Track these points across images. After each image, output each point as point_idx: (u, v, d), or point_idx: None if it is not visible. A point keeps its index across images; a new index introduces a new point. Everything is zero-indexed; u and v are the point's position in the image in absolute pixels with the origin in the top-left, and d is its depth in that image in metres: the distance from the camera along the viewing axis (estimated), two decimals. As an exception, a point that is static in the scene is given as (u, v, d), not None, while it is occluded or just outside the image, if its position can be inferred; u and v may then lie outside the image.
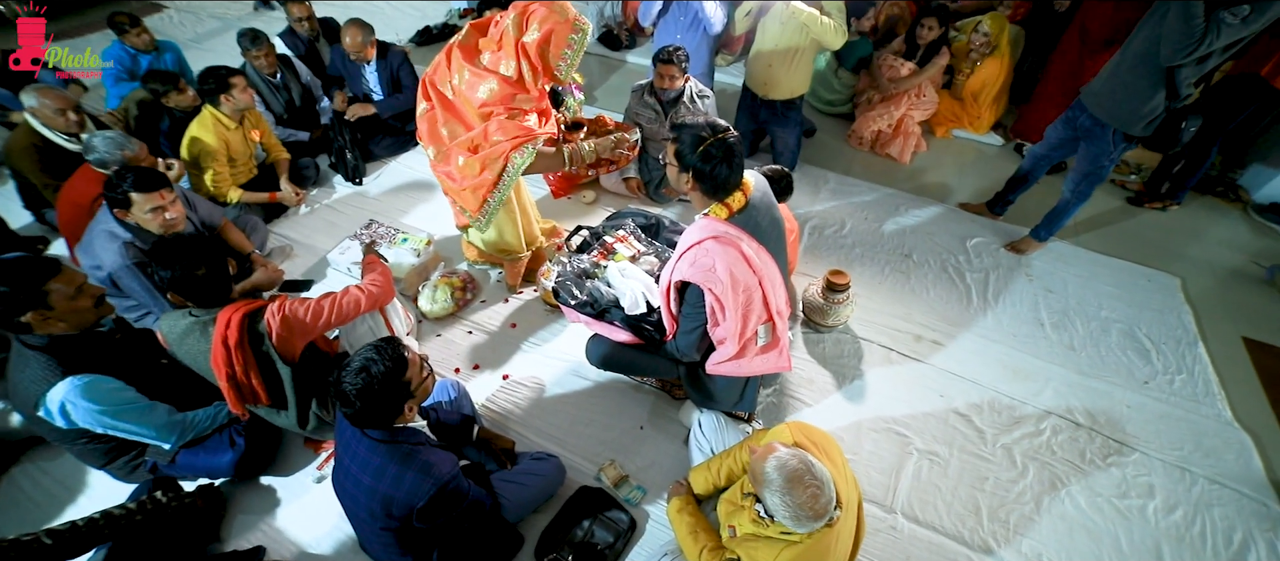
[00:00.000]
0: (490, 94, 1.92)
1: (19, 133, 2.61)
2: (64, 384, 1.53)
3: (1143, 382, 2.38)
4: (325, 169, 3.52)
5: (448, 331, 2.53)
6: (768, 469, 1.25)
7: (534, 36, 1.86)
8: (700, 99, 2.92)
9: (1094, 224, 3.16)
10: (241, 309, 1.68)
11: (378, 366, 1.32)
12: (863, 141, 3.56)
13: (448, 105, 2.01)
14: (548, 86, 2.10)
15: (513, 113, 1.96)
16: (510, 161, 1.99)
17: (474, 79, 1.93)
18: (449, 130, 2.02)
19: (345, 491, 1.47)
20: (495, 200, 2.09)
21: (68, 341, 1.59)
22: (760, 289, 1.65)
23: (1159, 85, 2.21)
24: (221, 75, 2.80)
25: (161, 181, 2.04)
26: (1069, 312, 2.65)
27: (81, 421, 1.60)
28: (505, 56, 1.92)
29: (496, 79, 1.91)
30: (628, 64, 4.77)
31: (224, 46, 5.16)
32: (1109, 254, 2.97)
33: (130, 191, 1.99)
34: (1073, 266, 2.88)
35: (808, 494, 1.20)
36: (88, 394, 1.57)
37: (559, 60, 1.92)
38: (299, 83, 3.60)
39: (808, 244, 2.93)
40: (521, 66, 1.91)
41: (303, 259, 2.96)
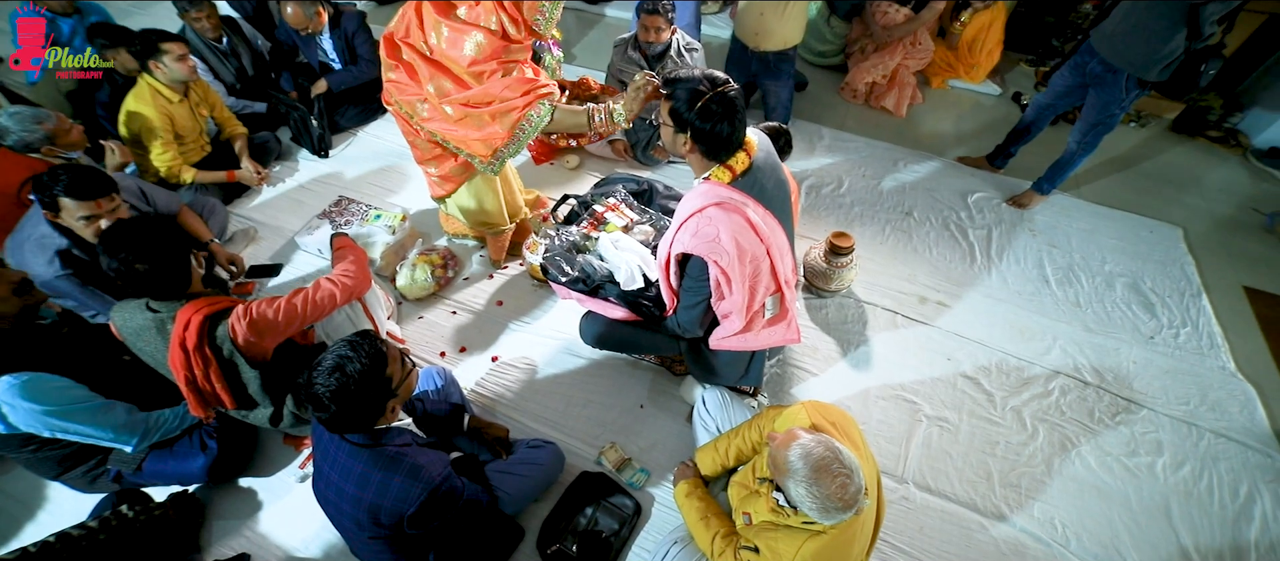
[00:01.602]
0: (478, 49, 1.72)
1: None
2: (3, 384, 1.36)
3: (1148, 337, 2.34)
4: (288, 143, 3.27)
5: (429, 312, 2.39)
6: (791, 458, 1.15)
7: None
8: (688, 53, 2.74)
9: (1094, 175, 3.08)
10: (202, 309, 1.50)
11: (353, 365, 1.18)
12: (857, 94, 3.41)
13: (432, 63, 1.81)
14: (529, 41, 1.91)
15: (508, 67, 1.78)
16: (525, 118, 1.81)
17: (455, 34, 1.73)
18: (436, 86, 1.83)
19: (328, 501, 1.34)
20: (508, 151, 1.92)
21: (5, 336, 1.41)
22: (768, 258, 1.52)
23: (1180, 24, 2.07)
24: (150, 38, 2.51)
25: (101, 187, 1.77)
26: (1073, 268, 2.59)
27: (22, 425, 1.44)
28: (485, 10, 1.72)
29: (483, 32, 1.72)
30: (607, 18, 4.50)
31: (162, 9, 4.74)
32: (1110, 205, 2.91)
33: (61, 196, 1.73)
34: (1075, 220, 2.81)
35: (836, 484, 1.10)
36: (27, 393, 1.41)
37: (537, 14, 1.73)
38: (250, 48, 3.31)
39: (806, 203, 2.81)
40: (502, 20, 1.72)
41: (269, 241, 2.76)
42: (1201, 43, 2.09)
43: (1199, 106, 3.35)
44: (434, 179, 2.16)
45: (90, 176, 1.77)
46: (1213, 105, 3.32)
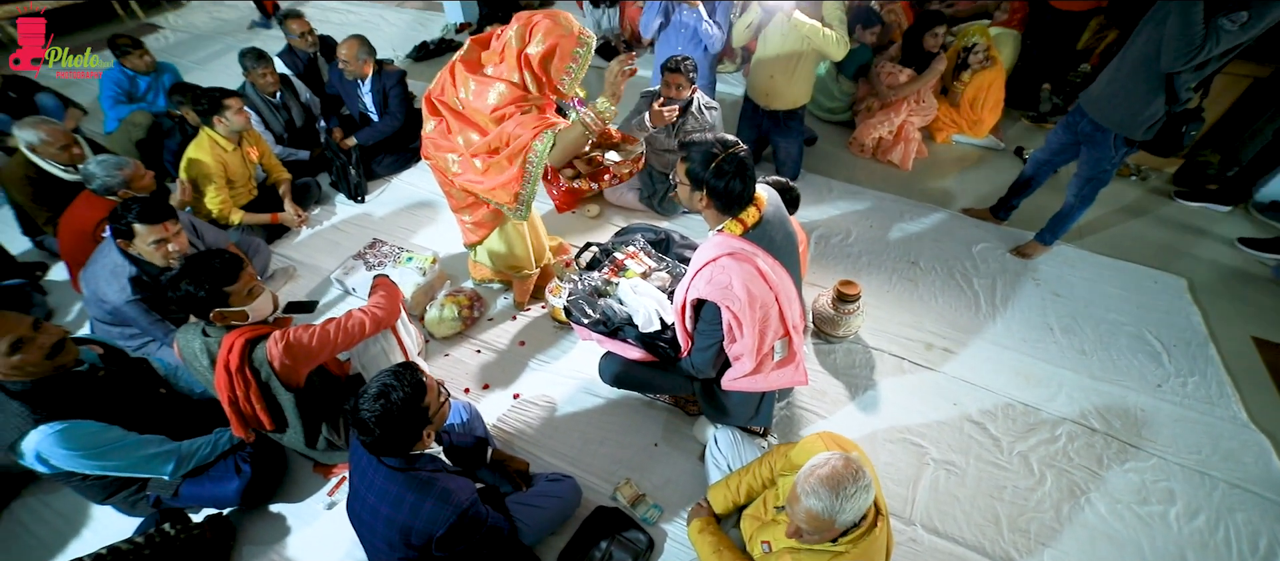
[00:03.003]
0: (500, 97, 1.90)
1: (13, 163, 2.57)
2: (37, 433, 1.48)
3: (1155, 386, 2.37)
4: (327, 188, 3.51)
5: (455, 350, 2.51)
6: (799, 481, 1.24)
7: (538, 49, 1.84)
8: (707, 110, 2.91)
9: (1097, 226, 3.16)
10: (244, 334, 1.66)
11: (397, 393, 1.30)
12: (864, 149, 3.57)
13: (460, 116, 1.99)
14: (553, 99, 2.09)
15: (525, 108, 1.94)
16: (531, 150, 1.95)
17: (481, 87, 1.91)
18: (464, 139, 2.01)
19: (361, 521, 1.44)
20: (527, 192, 2.05)
21: (46, 385, 1.53)
22: (777, 304, 1.63)
23: (1158, 90, 2.21)
24: (215, 96, 2.78)
25: (166, 213, 2.01)
26: (1078, 316, 2.64)
27: (62, 466, 1.56)
28: (508, 67, 1.91)
29: (505, 83, 1.90)
30: (626, 76, 4.78)
31: (221, 66, 5.16)
32: (1113, 256, 2.97)
33: (134, 222, 1.96)
34: (1079, 270, 2.88)
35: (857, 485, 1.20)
36: (64, 441, 1.51)
37: (563, 75, 1.90)
38: (298, 102, 3.60)
39: (814, 253, 2.93)
40: (525, 76, 1.90)
41: (306, 280, 2.94)
42: (1180, 106, 2.23)
43: (1198, 161, 3.45)
44: (468, 226, 2.32)
45: (157, 204, 2.00)
46: (1211, 160, 3.43)
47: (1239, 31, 1.97)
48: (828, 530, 1.24)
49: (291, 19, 3.79)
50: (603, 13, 4.91)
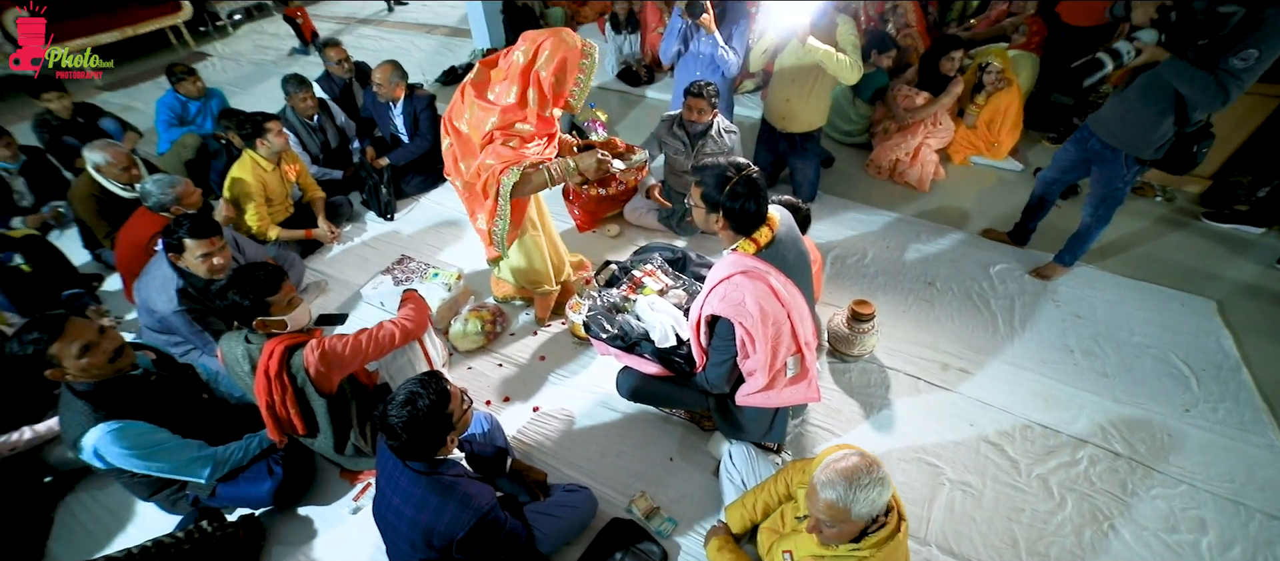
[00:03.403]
0: (493, 125, 2.01)
1: (80, 182, 2.79)
2: (97, 429, 1.60)
3: (1183, 410, 2.32)
4: (358, 206, 3.67)
5: (478, 363, 2.59)
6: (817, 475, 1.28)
7: (547, 65, 1.94)
8: (727, 134, 2.98)
9: (1120, 247, 3.12)
10: (284, 341, 1.76)
11: (423, 400, 1.38)
12: (881, 171, 3.60)
13: (464, 141, 2.10)
14: (559, 113, 2.17)
15: (509, 138, 2.02)
16: (500, 184, 2.04)
17: (482, 114, 2.02)
18: (466, 165, 2.12)
19: (386, 522, 1.51)
20: (500, 227, 2.14)
21: (107, 387, 1.66)
22: (789, 321, 1.68)
23: (1167, 111, 2.20)
24: (257, 121, 2.97)
25: (213, 229, 2.15)
26: (1099, 338, 2.61)
27: (116, 463, 1.67)
28: (509, 85, 2.00)
29: (499, 111, 1.99)
30: (647, 99, 4.91)
31: (263, 90, 5.44)
32: (1137, 278, 2.93)
33: (185, 237, 2.11)
34: (1101, 291, 2.85)
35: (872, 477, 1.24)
36: (119, 439, 1.63)
37: (573, 86, 2.01)
38: (334, 124, 3.79)
39: (830, 273, 2.95)
40: (527, 92, 1.99)
41: (337, 293, 3.07)
42: (1191, 127, 2.21)
43: (1228, 182, 3.40)
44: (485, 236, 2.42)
45: (205, 220, 2.15)
46: (1241, 181, 3.37)
47: (1255, 65, 1.95)
48: (846, 523, 1.27)
49: (330, 47, 4.01)
50: (624, 39, 5.06)
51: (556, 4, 6.43)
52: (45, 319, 1.57)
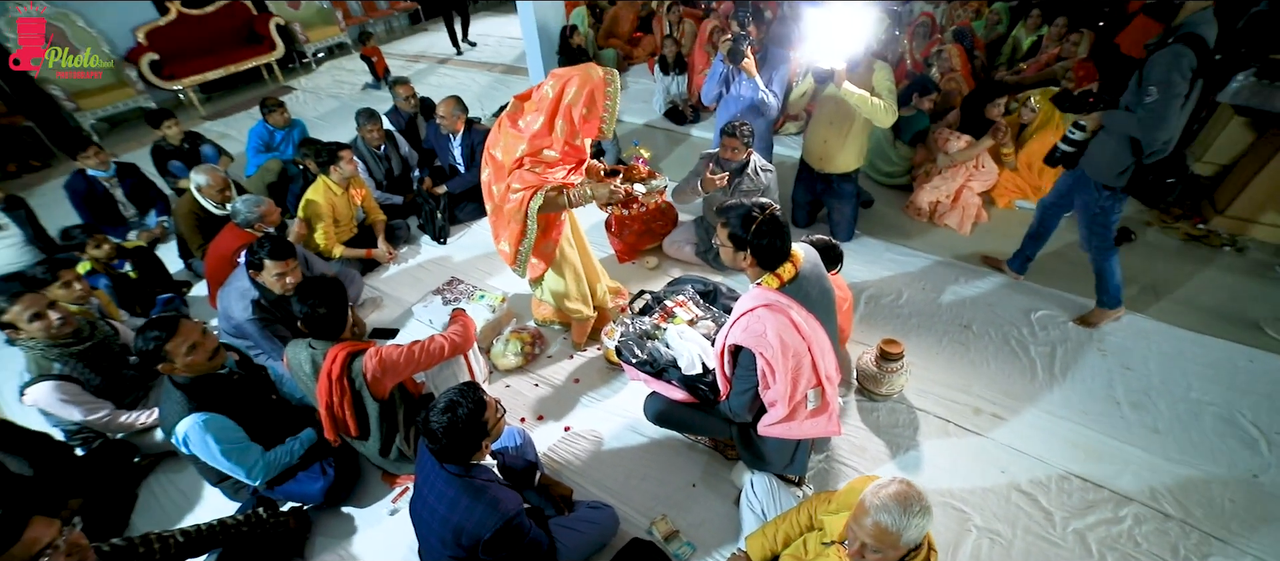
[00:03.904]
0: (522, 151, 2.18)
1: (184, 201, 3.18)
2: (190, 418, 1.83)
3: (1251, 475, 2.16)
4: (415, 230, 3.94)
5: (516, 382, 2.73)
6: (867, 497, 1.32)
7: (578, 101, 2.10)
8: (763, 172, 3.08)
9: (1180, 298, 2.97)
10: (346, 348, 1.95)
11: (462, 408, 1.51)
12: (921, 212, 3.59)
13: (497, 166, 2.28)
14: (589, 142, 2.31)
15: (536, 164, 2.19)
16: (528, 207, 2.22)
17: (513, 140, 2.21)
18: (497, 188, 2.30)
19: (421, 519, 1.63)
20: (525, 248, 2.32)
21: (201, 382, 1.89)
22: (809, 354, 1.73)
23: (1124, 143, 2.35)
24: (331, 149, 3.28)
25: (289, 252, 2.41)
26: (1150, 392, 2.50)
27: (195, 451, 1.89)
28: (537, 114, 2.17)
29: (527, 138, 2.17)
30: (692, 138, 5.09)
31: (339, 119, 5.95)
32: (1198, 330, 2.77)
33: (265, 257, 2.37)
34: (1154, 343, 2.73)
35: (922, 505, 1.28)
36: (206, 428, 1.85)
37: (603, 112, 2.16)
38: (398, 154, 4.11)
39: (863, 313, 2.96)
40: (556, 122, 2.15)
41: (391, 309, 3.30)
42: (1149, 158, 2.32)
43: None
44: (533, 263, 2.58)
45: (283, 244, 2.41)
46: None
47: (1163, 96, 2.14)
48: (892, 549, 1.29)
49: (399, 84, 4.39)
50: (671, 80, 5.28)
51: (609, 45, 6.76)
52: (163, 319, 1.83)
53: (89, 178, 3.77)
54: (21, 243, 3.32)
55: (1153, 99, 2.17)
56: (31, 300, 2.11)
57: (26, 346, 2.17)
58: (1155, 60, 2.17)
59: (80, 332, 2.27)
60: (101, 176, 3.80)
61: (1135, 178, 2.38)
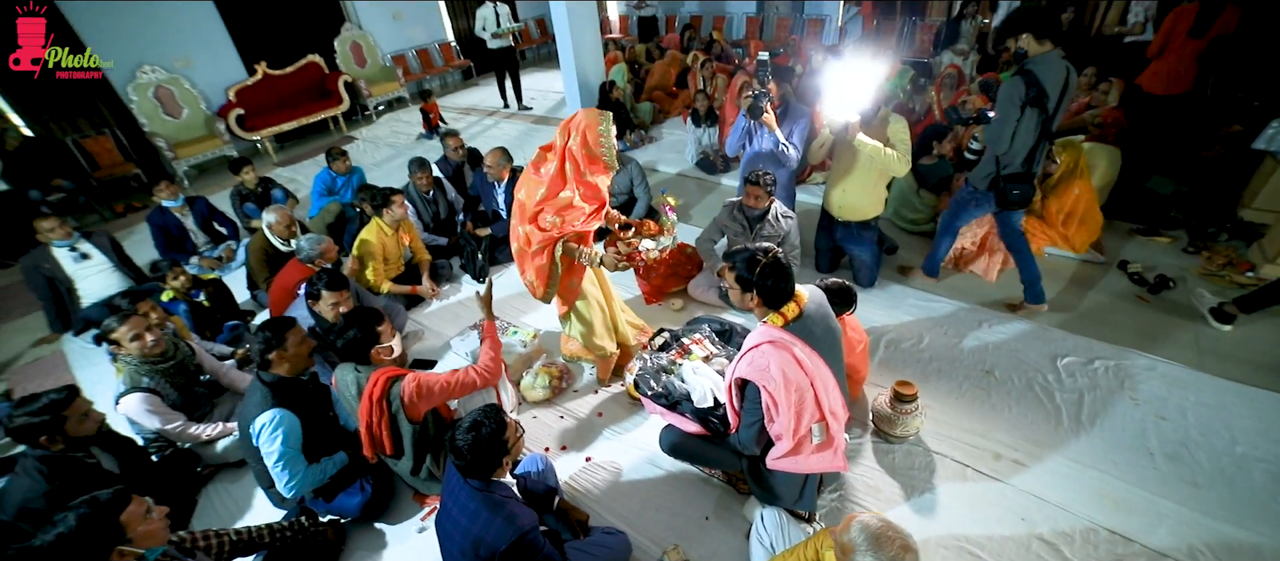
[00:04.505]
0: (542, 195, 2.38)
1: (256, 238, 3.57)
2: (271, 411, 2.07)
3: (1312, 542, 2.05)
4: (457, 269, 4.22)
5: (542, 414, 2.87)
6: (852, 533, 1.37)
7: (576, 140, 2.32)
8: (783, 218, 3.21)
9: (1228, 349, 2.86)
10: (387, 373, 2.14)
11: (486, 427, 1.66)
12: (946, 259, 3.60)
13: (521, 207, 2.49)
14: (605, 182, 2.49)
15: (558, 211, 2.38)
16: (552, 252, 2.44)
17: (534, 185, 2.42)
18: (522, 230, 2.50)
19: (445, 531, 1.76)
20: (552, 286, 2.53)
21: (286, 383, 2.17)
22: (812, 389, 1.82)
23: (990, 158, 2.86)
24: (385, 194, 3.60)
25: (343, 284, 2.70)
26: (1189, 444, 2.41)
27: (264, 443, 2.10)
28: (553, 160, 2.39)
29: (546, 182, 2.38)
30: (722, 185, 5.27)
31: (393, 167, 6.44)
32: (1245, 382, 2.66)
33: (323, 289, 2.65)
34: (1194, 393, 2.63)
35: (896, 547, 1.31)
36: (280, 423, 2.09)
37: (596, 146, 2.33)
38: (445, 199, 4.45)
39: (883, 356, 2.98)
40: (565, 165, 2.36)
41: (431, 342, 3.53)
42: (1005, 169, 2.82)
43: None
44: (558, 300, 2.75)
45: (339, 277, 2.69)
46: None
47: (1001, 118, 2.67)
48: None
49: (449, 135, 4.78)
50: (702, 131, 5.53)
51: (645, 99, 7.13)
52: (275, 322, 2.16)
53: (165, 210, 4.30)
54: (110, 269, 3.76)
55: (995, 118, 2.73)
56: (135, 322, 2.46)
57: (124, 361, 2.49)
58: (1000, 88, 2.69)
59: (166, 353, 2.57)
60: (173, 206, 4.31)
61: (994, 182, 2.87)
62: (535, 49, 11.23)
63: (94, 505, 1.50)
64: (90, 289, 3.66)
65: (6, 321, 4.32)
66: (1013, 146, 2.72)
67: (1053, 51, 2.56)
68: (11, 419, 1.99)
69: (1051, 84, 2.55)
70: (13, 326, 4.24)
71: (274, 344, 2.15)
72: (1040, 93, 2.55)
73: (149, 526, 1.58)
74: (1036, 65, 2.55)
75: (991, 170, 2.85)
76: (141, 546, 1.54)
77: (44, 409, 2.01)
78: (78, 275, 3.62)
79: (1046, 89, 2.55)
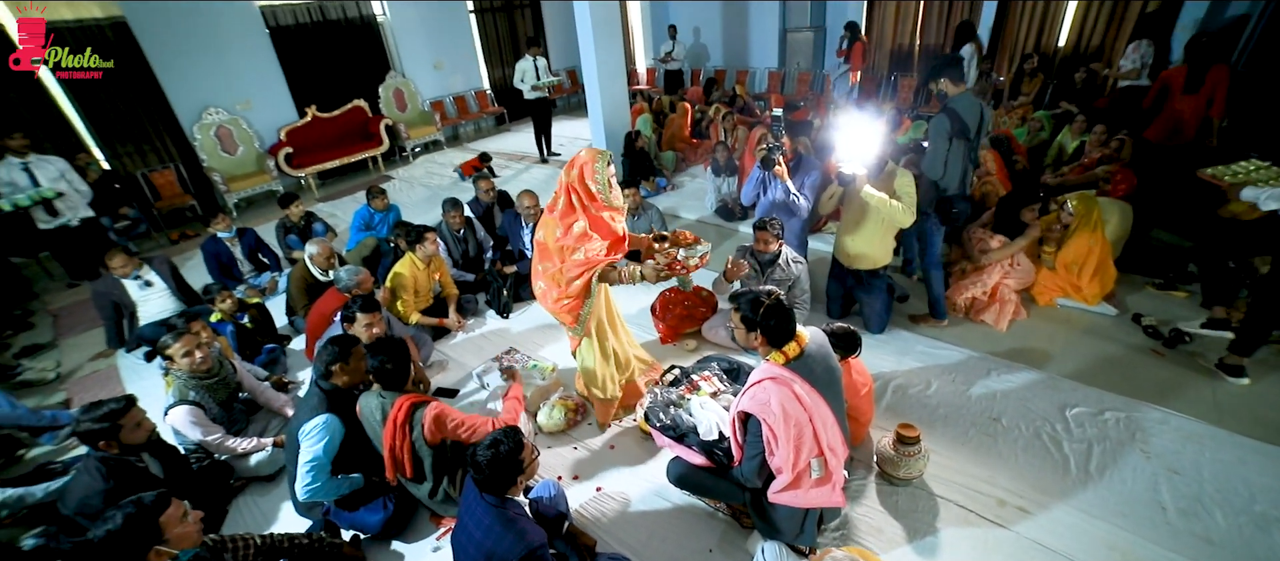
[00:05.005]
0: (559, 233, 2.56)
1: (298, 268, 3.84)
2: (324, 416, 2.27)
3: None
4: (482, 304, 4.42)
5: (558, 445, 2.98)
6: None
7: (575, 177, 2.51)
8: (793, 263, 3.35)
9: (1243, 405, 2.82)
10: (411, 399, 2.30)
11: (505, 445, 1.80)
12: (957, 308, 3.66)
13: (541, 247, 2.67)
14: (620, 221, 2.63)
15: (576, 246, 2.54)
16: (590, 280, 2.57)
17: (551, 223, 2.60)
18: (543, 266, 2.66)
19: (459, 545, 1.88)
20: (585, 311, 2.65)
21: (340, 393, 2.37)
22: (811, 425, 1.91)
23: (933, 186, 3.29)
24: (419, 231, 3.85)
25: (376, 307, 2.91)
26: (1203, 500, 2.38)
27: (311, 440, 2.26)
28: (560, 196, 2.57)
29: (558, 218, 2.55)
30: (739, 232, 5.44)
31: (428, 206, 6.78)
32: (1267, 441, 2.62)
33: (358, 312, 2.85)
34: (1210, 449, 2.60)
35: None
36: (329, 428, 2.27)
37: (591, 182, 2.50)
38: (475, 238, 4.70)
39: (890, 401, 3.02)
40: (572, 199, 2.54)
41: (454, 372, 3.69)
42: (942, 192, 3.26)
43: None
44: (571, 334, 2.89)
45: (372, 301, 2.90)
46: None
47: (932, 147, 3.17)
48: None
49: (481, 179, 5.08)
50: (722, 181, 5.74)
51: (668, 148, 7.42)
52: (342, 340, 2.40)
53: (219, 240, 4.65)
54: (168, 294, 4.07)
55: (929, 146, 3.23)
56: (189, 340, 2.69)
57: (175, 375, 2.71)
58: (930, 124, 3.23)
59: (212, 370, 2.79)
60: (226, 236, 4.66)
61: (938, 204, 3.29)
62: (565, 98, 11.78)
63: (139, 506, 1.66)
64: (149, 312, 3.98)
65: (70, 336, 4.67)
66: (947, 172, 3.20)
67: (966, 92, 3.14)
68: (79, 423, 2.20)
69: (970, 119, 3.12)
70: (75, 341, 4.58)
71: (340, 358, 2.38)
72: (963, 126, 3.10)
73: (184, 529, 1.73)
74: (956, 103, 3.11)
75: (934, 195, 3.28)
76: (176, 548, 1.69)
77: (105, 415, 2.22)
78: (141, 301, 3.96)
79: (967, 123, 3.10)
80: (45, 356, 4.38)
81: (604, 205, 2.57)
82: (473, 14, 9.76)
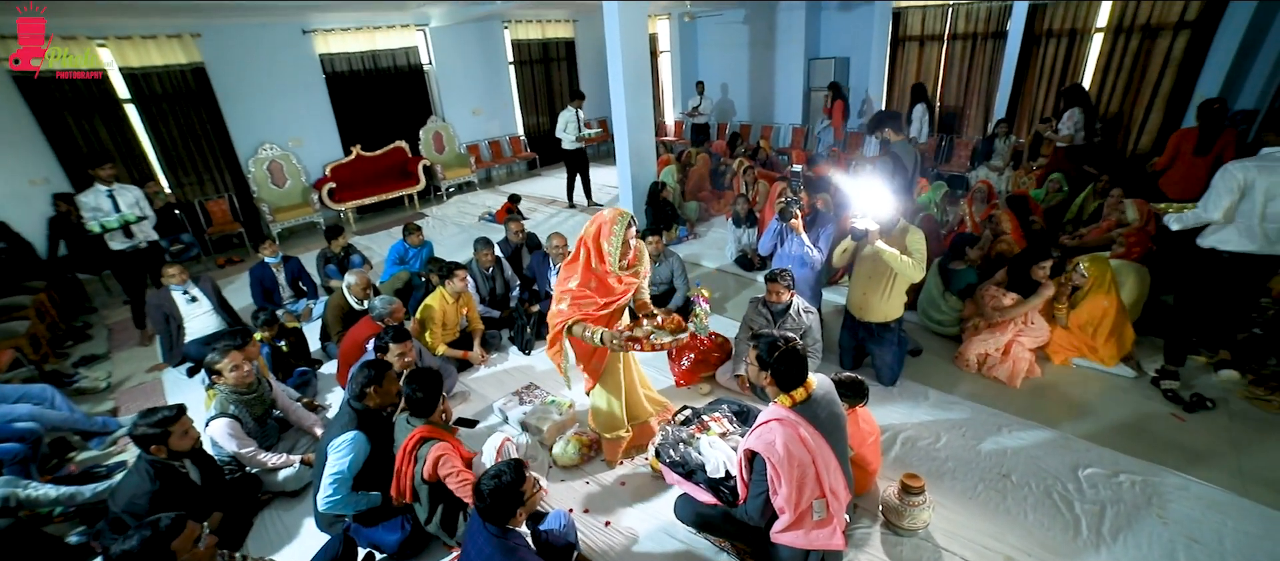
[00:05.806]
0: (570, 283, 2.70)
1: (335, 296, 4.10)
2: (354, 432, 2.41)
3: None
4: (506, 340, 4.59)
5: (571, 479, 3.06)
6: None
7: (592, 235, 2.65)
8: (804, 313, 3.46)
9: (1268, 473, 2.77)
10: (424, 431, 2.43)
11: (506, 476, 1.90)
12: (969, 364, 3.68)
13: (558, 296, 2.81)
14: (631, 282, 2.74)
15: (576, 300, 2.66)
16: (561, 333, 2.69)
17: (566, 273, 2.76)
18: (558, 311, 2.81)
19: (464, 574, 1.97)
20: (566, 364, 2.76)
21: (370, 413, 2.53)
22: (814, 467, 1.99)
23: None
24: (450, 267, 4.07)
25: (407, 337, 3.10)
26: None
27: (339, 452, 2.40)
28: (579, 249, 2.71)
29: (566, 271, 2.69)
30: (757, 282, 5.56)
31: (460, 244, 7.08)
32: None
33: (390, 341, 3.04)
34: (1233, 519, 2.53)
35: None
36: (355, 445, 2.41)
37: (603, 243, 2.61)
38: (502, 276, 4.91)
39: (899, 452, 3.04)
40: (587, 253, 2.67)
41: (475, 403, 3.83)
42: None
43: None
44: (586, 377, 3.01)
45: (403, 332, 3.09)
46: None
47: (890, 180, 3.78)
48: None
49: (511, 221, 5.34)
50: (742, 231, 5.91)
51: (691, 199, 7.66)
52: (377, 365, 2.57)
53: (266, 265, 4.95)
54: (211, 312, 4.35)
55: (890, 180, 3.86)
56: (236, 356, 2.89)
57: (219, 389, 2.90)
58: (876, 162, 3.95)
59: (252, 386, 2.99)
60: (272, 262, 4.97)
61: None
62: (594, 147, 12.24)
63: (155, 529, 1.72)
64: (194, 328, 4.25)
65: (122, 350, 5.00)
66: None
67: (903, 140, 3.99)
68: (136, 426, 2.39)
69: (907, 161, 3.94)
70: (125, 355, 4.91)
71: (375, 380, 2.57)
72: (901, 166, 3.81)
73: (194, 555, 1.78)
74: (897, 148, 3.90)
75: None
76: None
77: (159, 421, 2.41)
78: (187, 314, 4.24)
79: (905, 163, 3.87)
80: (99, 366, 4.68)
81: (608, 271, 2.66)
82: (512, 65, 10.36)
